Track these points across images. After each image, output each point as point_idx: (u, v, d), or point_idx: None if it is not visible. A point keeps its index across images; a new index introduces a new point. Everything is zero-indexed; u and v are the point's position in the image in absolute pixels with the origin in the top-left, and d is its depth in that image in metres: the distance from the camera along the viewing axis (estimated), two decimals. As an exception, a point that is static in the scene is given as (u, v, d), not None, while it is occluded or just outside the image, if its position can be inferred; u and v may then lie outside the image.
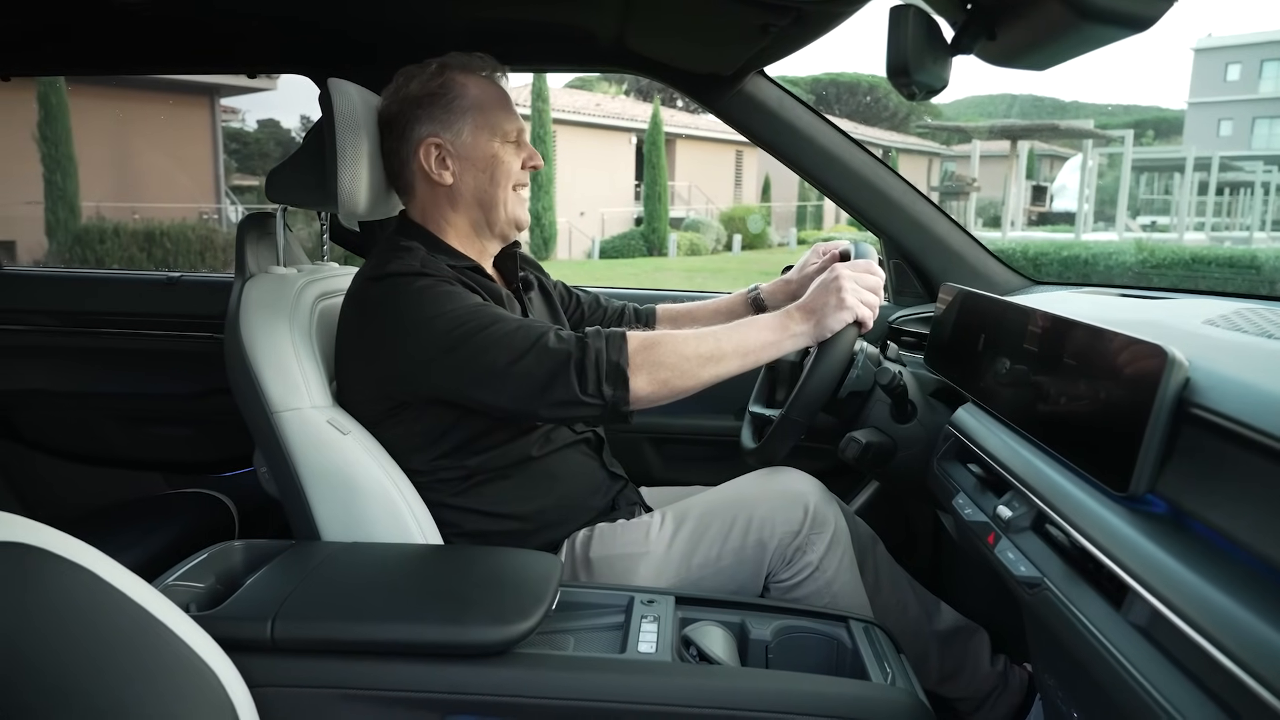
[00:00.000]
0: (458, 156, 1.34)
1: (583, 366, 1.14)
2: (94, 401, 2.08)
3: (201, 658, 0.88)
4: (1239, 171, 26.06)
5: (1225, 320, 1.05)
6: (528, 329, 1.18)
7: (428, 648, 0.97)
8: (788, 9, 1.15)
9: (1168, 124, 45.29)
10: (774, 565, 1.30)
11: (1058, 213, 25.08)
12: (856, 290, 1.24)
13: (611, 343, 1.16)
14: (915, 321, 1.75)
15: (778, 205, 24.58)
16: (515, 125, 1.37)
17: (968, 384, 1.30)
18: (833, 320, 1.23)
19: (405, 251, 1.28)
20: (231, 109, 19.65)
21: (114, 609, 0.84)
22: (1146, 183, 28.74)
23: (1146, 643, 0.73)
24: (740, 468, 1.47)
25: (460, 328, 1.18)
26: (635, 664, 0.99)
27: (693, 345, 1.18)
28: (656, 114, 19.53)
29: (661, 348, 1.17)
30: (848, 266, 1.28)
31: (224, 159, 16.53)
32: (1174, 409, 0.80)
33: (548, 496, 1.35)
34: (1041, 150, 30.30)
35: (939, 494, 1.28)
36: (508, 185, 1.37)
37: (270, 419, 1.24)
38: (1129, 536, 0.79)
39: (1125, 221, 18.97)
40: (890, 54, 0.83)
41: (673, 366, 1.16)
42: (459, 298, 1.22)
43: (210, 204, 15.61)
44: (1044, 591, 0.88)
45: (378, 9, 1.53)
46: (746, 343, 1.21)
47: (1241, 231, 21.43)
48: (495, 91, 1.38)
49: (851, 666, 1.09)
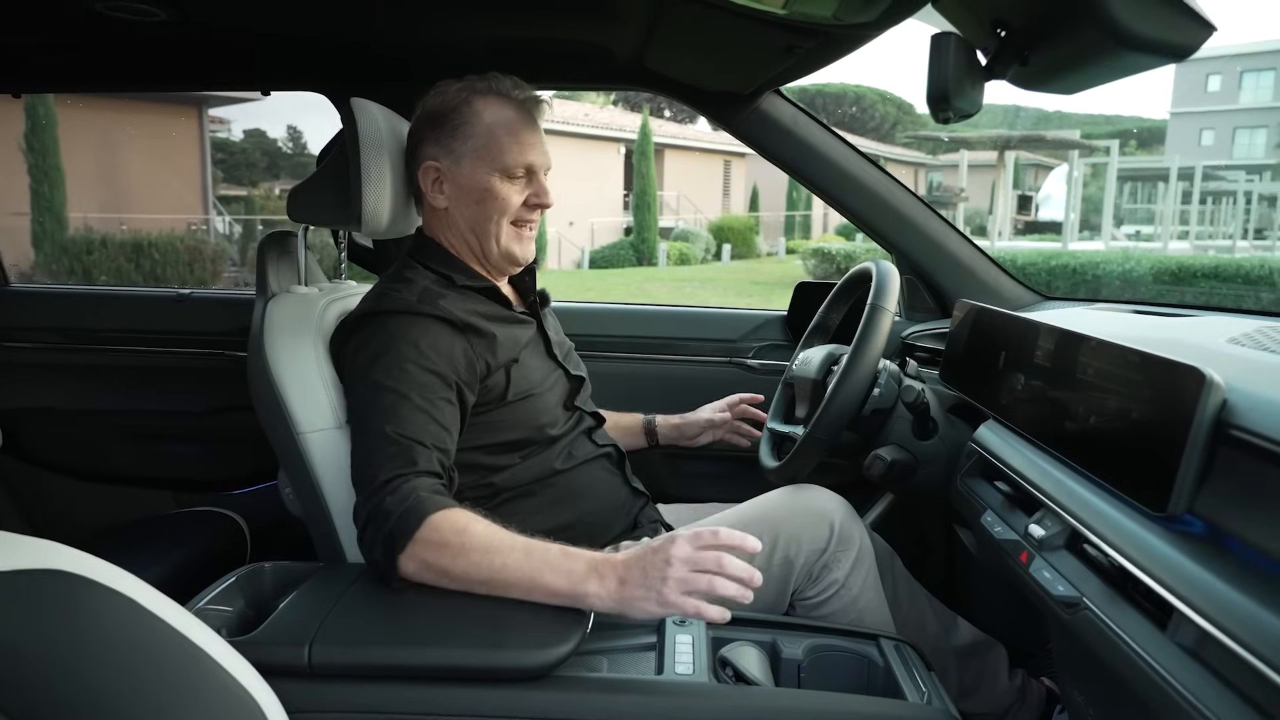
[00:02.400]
0: (453, 184, 1.33)
1: (374, 516, 1.08)
2: (102, 419, 2.06)
3: (241, 684, 0.88)
4: (1221, 181, 26.36)
5: (1249, 339, 1.06)
6: (405, 432, 1.13)
7: (468, 672, 0.97)
8: (815, 31, 1.16)
9: (1150, 134, 45.84)
10: (800, 583, 1.31)
11: (1043, 222, 25.32)
12: (687, 580, 0.99)
13: (406, 517, 1.06)
14: (929, 337, 1.76)
15: (766, 215, 24.68)
16: (523, 160, 1.32)
17: (989, 401, 1.31)
18: (639, 612, 1.01)
19: (405, 284, 1.29)
20: (220, 119, 19.58)
21: (153, 635, 0.84)
22: (1130, 192, 29.05)
23: (1195, 663, 0.74)
24: (755, 483, 1.48)
25: (386, 376, 1.18)
26: (674, 686, 0.99)
27: (479, 564, 1.05)
28: (645, 124, 19.61)
29: (448, 551, 1.05)
30: (689, 541, 1.01)
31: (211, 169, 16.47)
32: (1212, 430, 0.81)
33: (573, 513, 1.36)
34: (1027, 160, 30.57)
35: (964, 511, 1.29)
36: (501, 219, 1.33)
37: (296, 440, 1.24)
38: (1170, 557, 0.80)
39: (1111, 231, 19.15)
40: (932, 80, 0.84)
41: (446, 571, 1.06)
42: (419, 355, 1.19)
43: (198, 215, 15.53)
44: (1083, 612, 0.89)
45: (395, 28, 1.54)
46: (535, 583, 1.04)
47: (1225, 240, 21.66)
48: (514, 121, 1.32)
49: (884, 685, 1.10)
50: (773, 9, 1.02)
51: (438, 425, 1.17)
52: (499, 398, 1.30)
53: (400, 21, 1.50)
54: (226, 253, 14.13)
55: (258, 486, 2.07)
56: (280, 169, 28.00)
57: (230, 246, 15.10)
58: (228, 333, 1.99)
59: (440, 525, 1.06)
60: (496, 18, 1.48)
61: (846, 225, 24.83)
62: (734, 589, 0.99)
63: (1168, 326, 1.26)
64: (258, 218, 17.34)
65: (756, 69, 1.45)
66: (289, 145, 30.71)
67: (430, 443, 1.15)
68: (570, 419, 1.42)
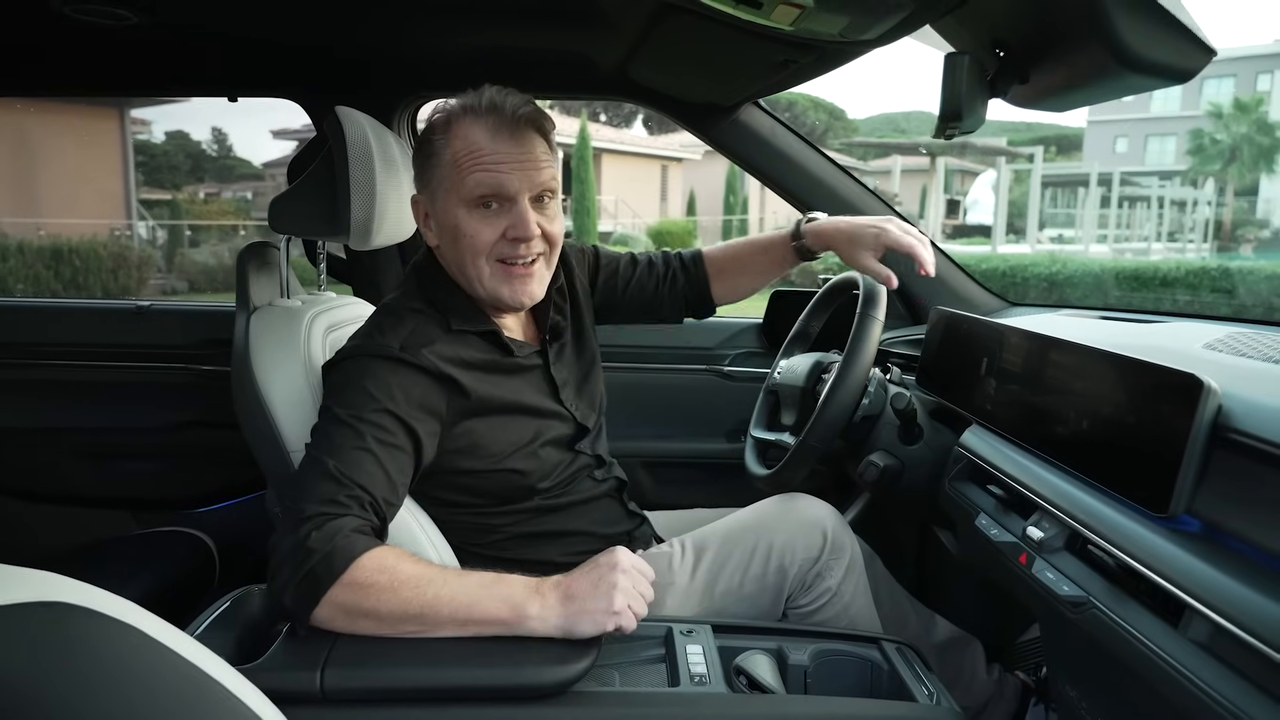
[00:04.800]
0: (436, 220, 1.22)
1: (294, 553, 0.97)
2: (56, 438, 1.97)
3: (256, 713, 0.85)
4: (1136, 186, 27.60)
5: (1224, 345, 1.12)
6: (346, 470, 1.04)
7: (486, 691, 0.96)
8: (812, 46, 1.17)
9: (1068, 141, 47.68)
10: (793, 590, 1.33)
11: (971, 226, 26.11)
12: (630, 593, 1.00)
13: (331, 558, 0.96)
14: (902, 344, 1.80)
15: (704, 219, 24.88)
16: (487, 186, 1.15)
17: (973, 406, 1.35)
18: (588, 623, 0.98)
19: (397, 320, 1.19)
20: (142, 120, 18.91)
21: (165, 667, 0.81)
22: (1051, 197, 30.18)
23: (1209, 657, 0.77)
24: (736, 488, 1.49)
25: (344, 409, 1.09)
26: (692, 697, 0.99)
27: (409, 600, 0.97)
28: (584, 129, 19.59)
29: (373, 591, 0.97)
30: (628, 559, 1.03)
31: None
32: (1209, 433, 0.85)
33: (572, 547, 1.32)
34: (953, 166, 31.52)
35: (952, 514, 1.32)
36: (478, 260, 1.19)
37: (287, 458, 1.21)
38: (1176, 556, 0.84)
39: (1036, 234, 19.87)
40: (945, 99, 0.87)
41: (373, 612, 0.97)
42: (386, 396, 1.10)
43: (121, 220, 14.95)
44: (1091, 611, 0.92)
45: (374, 35, 1.51)
46: (472, 612, 0.98)
47: (1140, 243, 22.70)
48: (480, 142, 1.15)
49: (889, 687, 1.12)
50: (781, 26, 1.04)
51: (383, 472, 1.07)
52: (465, 455, 1.21)
53: (380, 28, 1.47)
54: (153, 259, 13.65)
55: (222, 504, 2.00)
56: (205, 172, 27.12)
57: (156, 253, 14.59)
58: (191, 346, 1.92)
59: (366, 565, 0.97)
60: (479, 25, 1.46)
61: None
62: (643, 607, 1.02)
63: (1143, 333, 1.31)
64: (184, 222, 16.77)
65: (746, 82, 1.47)
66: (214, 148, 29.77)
67: (370, 487, 1.04)
68: (566, 463, 1.32)
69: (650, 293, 1.56)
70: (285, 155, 27.88)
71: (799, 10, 0.95)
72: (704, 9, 1.05)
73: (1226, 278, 11.01)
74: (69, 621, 0.74)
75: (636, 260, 1.56)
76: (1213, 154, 31.06)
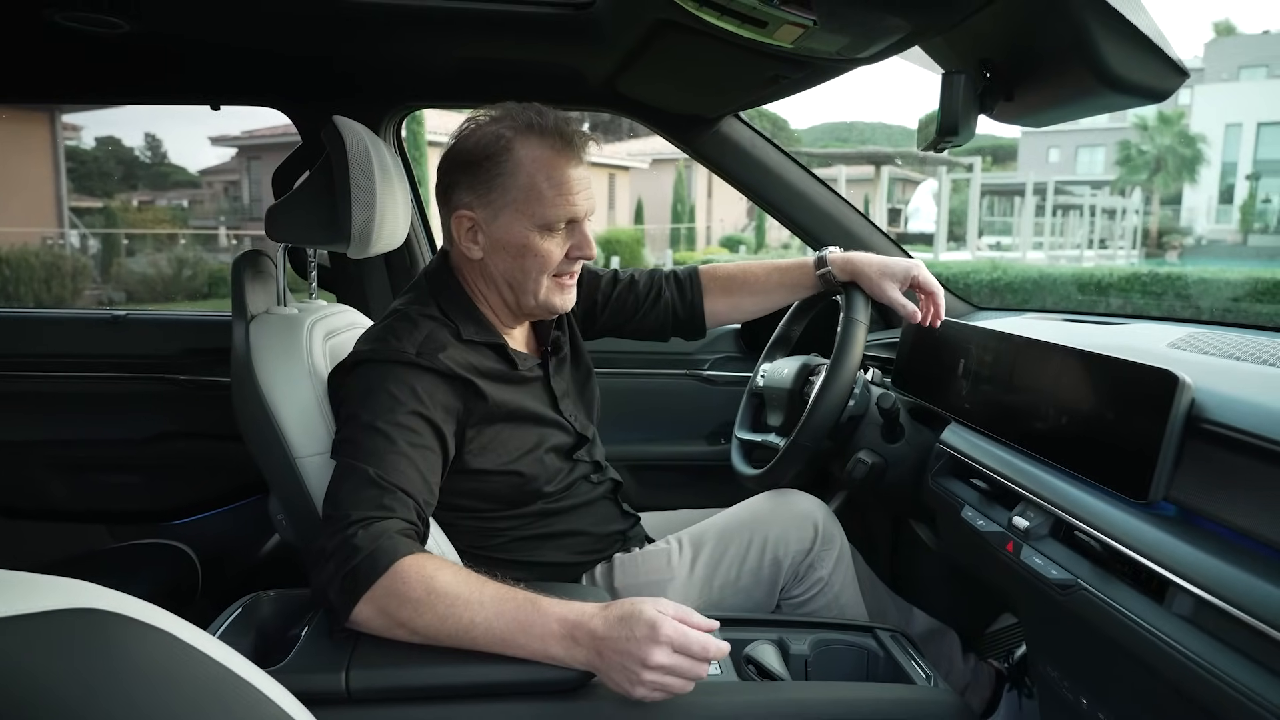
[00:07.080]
0: (489, 236, 1.25)
1: (340, 550, 1.00)
2: (29, 450, 1.92)
3: (289, 713, 0.87)
4: (1070, 195, 28.58)
5: (1186, 344, 1.20)
6: (387, 476, 1.07)
7: (509, 687, 0.98)
8: (803, 62, 1.23)
9: (1004, 150, 49.10)
10: (787, 582, 1.38)
11: (912, 234, 26.71)
12: (658, 685, 0.95)
13: (376, 557, 0.99)
14: (878, 346, 1.87)
15: (651, 227, 25.05)
16: (565, 213, 1.22)
17: (952, 406, 1.42)
18: (612, 684, 0.98)
19: (411, 326, 1.22)
20: (73, 126, 18.32)
21: (199, 670, 0.82)
22: (988, 206, 31.08)
23: (1195, 629, 0.84)
24: (719, 489, 1.53)
25: (372, 415, 1.12)
26: (705, 685, 1.03)
27: (444, 618, 0.98)
28: (533, 137, 19.54)
29: (409, 604, 0.98)
30: (671, 629, 0.95)
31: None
32: (1184, 424, 0.92)
33: (572, 548, 1.36)
34: (895, 174, 32.24)
35: (936, 508, 1.39)
36: (540, 275, 1.25)
37: (294, 465, 1.21)
38: (1157, 538, 0.91)
39: (975, 242, 20.45)
40: (943, 116, 0.93)
41: (408, 623, 0.99)
42: (413, 399, 1.14)
43: (53, 228, 14.44)
44: (1079, 592, 0.99)
45: (363, 45, 1.52)
46: (507, 643, 0.98)
47: (1074, 250, 23.53)
48: (557, 169, 1.21)
49: (887, 672, 1.18)
50: (782, 44, 1.09)
51: (419, 474, 1.11)
52: (476, 456, 1.24)
53: (369, 39, 1.49)
54: (88, 269, 13.21)
55: (201, 515, 1.98)
56: (138, 179, 26.31)
57: (90, 261, 14.12)
58: (170, 355, 1.90)
59: (408, 573, 0.99)
60: (469, 37, 1.48)
61: (730, 237, 25.53)
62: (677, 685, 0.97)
63: (1109, 334, 1.39)
64: (120, 231, 16.27)
65: (735, 95, 1.52)
66: (147, 154, 28.91)
67: (410, 490, 1.08)
68: (567, 471, 1.35)
69: (629, 311, 1.58)
70: (224, 162, 27.20)
71: (802, 30, 1.00)
72: (707, 27, 1.10)
73: (1157, 283, 11.50)
74: (104, 627, 0.75)
75: (619, 277, 1.58)
76: (1139, 164, 32.39)
